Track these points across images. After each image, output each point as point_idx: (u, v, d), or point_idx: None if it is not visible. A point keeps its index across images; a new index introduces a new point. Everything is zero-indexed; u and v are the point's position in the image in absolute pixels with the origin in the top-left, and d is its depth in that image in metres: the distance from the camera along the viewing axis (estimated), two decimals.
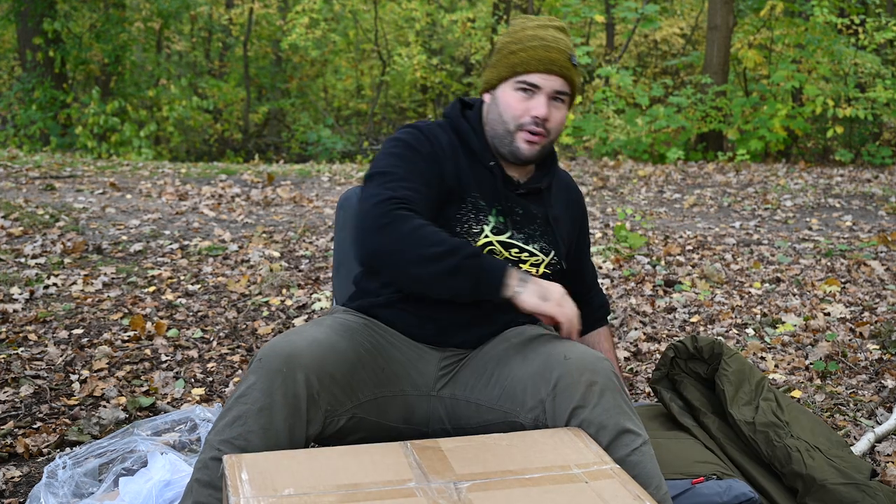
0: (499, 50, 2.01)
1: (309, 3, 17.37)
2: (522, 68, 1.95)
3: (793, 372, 3.42)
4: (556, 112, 1.98)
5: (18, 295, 4.18)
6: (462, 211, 1.97)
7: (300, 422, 1.69)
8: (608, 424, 1.70)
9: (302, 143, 18.12)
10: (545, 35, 1.97)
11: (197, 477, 1.69)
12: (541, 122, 1.95)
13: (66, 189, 7.25)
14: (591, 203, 7.72)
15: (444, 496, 1.47)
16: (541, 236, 2.05)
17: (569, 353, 1.78)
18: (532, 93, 1.95)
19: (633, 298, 4.44)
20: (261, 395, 1.67)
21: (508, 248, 2.00)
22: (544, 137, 1.97)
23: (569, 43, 2.00)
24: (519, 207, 2.03)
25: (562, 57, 1.95)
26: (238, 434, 1.65)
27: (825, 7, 11.47)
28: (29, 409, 2.95)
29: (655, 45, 19.88)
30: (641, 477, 1.69)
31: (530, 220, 2.04)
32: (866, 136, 12.75)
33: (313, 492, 1.47)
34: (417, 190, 1.87)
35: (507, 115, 1.96)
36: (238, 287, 4.45)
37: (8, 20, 14.66)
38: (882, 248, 5.69)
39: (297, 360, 1.69)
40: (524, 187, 2.04)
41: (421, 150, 1.95)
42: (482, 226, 1.97)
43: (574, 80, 1.98)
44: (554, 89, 1.95)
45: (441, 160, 1.96)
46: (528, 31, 1.98)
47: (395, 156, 1.93)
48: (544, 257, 2.04)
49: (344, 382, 1.78)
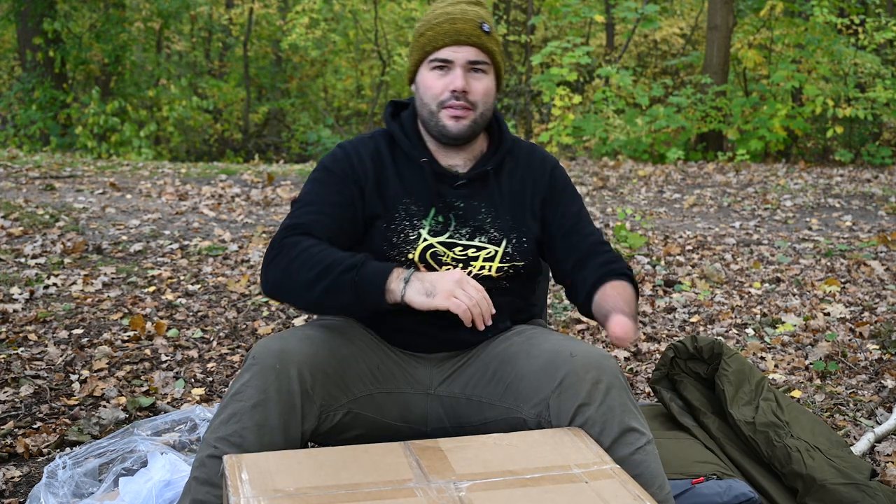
0: (413, 37, 1.99)
1: (309, 3, 17.36)
2: (431, 46, 1.92)
3: (793, 372, 3.42)
4: (477, 83, 1.93)
5: (18, 295, 4.18)
6: (395, 221, 1.94)
7: (295, 417, 1.70)
8: (613, 422, 1.70)
9: (302, 143, 18.12)
10: (452, 10, 1.94)
11: (195, 475, 1.70)
12: (461, 95, 1.90)
13: (66, 189, 7.25)
14: (591, 203, 7.72)
15: (444, 496, 1.47)
16: (491, 225, 1.98)
17: (574, 351, 1.78)
18: (447, 69, 1.92)
19: None
20: (255, 391, 1.68)
21: (451, 247, 1.95)
22: (470, 111, 1.92)
23: (481, 13, 1.96)
24: (459, 201, 1.97)
25: (469, 26, 1.91)
26: (233, 431, 1.67)
27: (825, 7, 11.47)
28: (29, 409, 2.95)
29: (655, 45, 19.88)
30: (645, 476, 1.69)
31: (474, 212, 1.97)
32: (866, 136, 12.75)
33: (314, 492, 1.47)
34: (322, 212, 1.89)
35: (427, 96, 1.93)
36: (238, 287, 4.45)
37: (8, 20, 14.66)
38: (882, 248, 5.69)
39: (289, 356, 1.71)
40: (465, 176, 1.98)
41: (336, 171, 1.95)
42: (418, 230, 1.94)
43: (489, 47, 1.93)
44: (467, 60, 1.91)
45: (359, 178, 1.94)
46: (437, 10, 1.96)
47: (312, 181, 1.97)
48: (496, 248, 1.97)
49: (337, 377, 1.79)
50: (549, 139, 12.11)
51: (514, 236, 1.98)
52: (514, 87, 16.03)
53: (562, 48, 12.13)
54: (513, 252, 1.98)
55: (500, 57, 1.98)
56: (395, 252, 1.93)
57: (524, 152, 2.07)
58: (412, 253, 1.93)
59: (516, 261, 1.98)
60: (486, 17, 1.96)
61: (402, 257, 1.93)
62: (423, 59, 1.94)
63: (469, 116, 1.92)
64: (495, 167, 2.01)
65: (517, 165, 2.05)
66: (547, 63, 13.42)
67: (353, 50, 19.91)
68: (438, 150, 2.00)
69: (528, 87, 15.45)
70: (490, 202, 1.99)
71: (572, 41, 12.32)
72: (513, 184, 2.03)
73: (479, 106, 1.93)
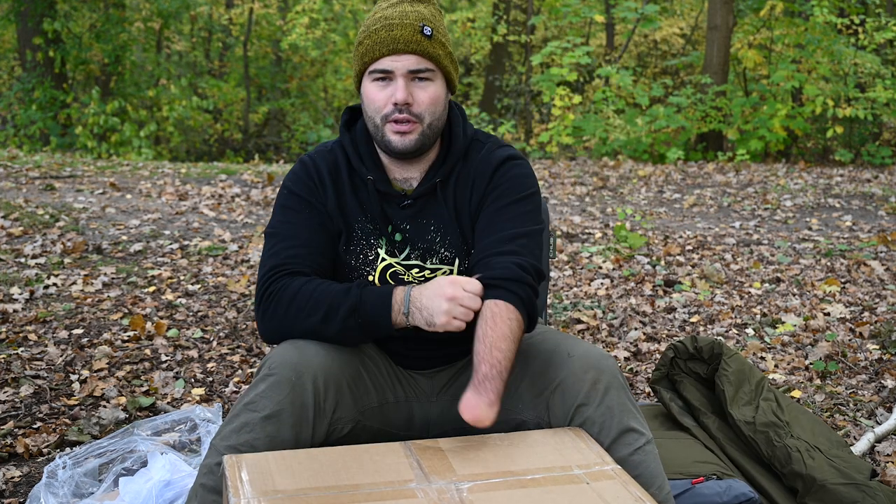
0: (354, 43, 1.86)
1: (309, 3, 17.36)
2: (369, 56, 1.79)
3: (793, 372, 3.42)
4: (421, 92, 1.79)
5: (18, 295, 4.18)
6: (354, 241, 1.88)
7: (306, 430, 1.70)
8: (612, 422, 1.70)
9: (302, 143, 18.11)
10: (391, 14, 1.79)
11: (202, 482, 1.69)
12: (403, 108, 1.77)
13: (66, 189, 7.25)
14: (590, 203, 7.72)
15: (444, 497, 1.47)
16: (441, 244, 1.87)
17: (573, 351, 1.77)
18: (388, 79, 1.79)
19: (633, 298, 4.44)
20: (269, 402, 1.67)
21: (409, 268, 1.88)
22: (416, 123, 1.79)
23: (423, 12, 1.80)
24: (405, 223, 1.87)
25: (407, 32, 1.76)
26: (244, 441, 1.66)
27: (825, 7, 11.47)
28: (29, 409, 2.95)
29: (655, 45, 19.87)
30: (644, 476, 1.68)
31: (423, 232, 1.87)
32: (866, 136, 12.75)
33: (314, 492, 1.47)
34: (300, 244, 1.82)
35: (370, 109, 1.81)
36: (238, 287, 4.45)
37: (8, 20, 14.65)
38: (882, 248, 5.69)
39: (306, 369, 1.70)
40: (412, 195, 1.86)
41: (301, 194, 1.87)
42: (376, 250, 1.87)
43: (432, 53, 1.78)
44: (408, 69, 1.77)
45: (322, 198, 1.87)
46: (377, 13, 1.82)
47: (282, 208, 1.88)
48: (449, 267, 1.88)
49: (348, 391, 1.78)
50: (549, 139, 12.11)
51: (465, 252, 1.88)
52: (514, 87, 16.04)
53: (562, 48, 12.13)
54: (469, 269, 1.86)
55: (448, 59, 1.83)
56: (356, 274, 1.88)
57: (481, 153, 1.90)
58: (372, 274, 1.88)
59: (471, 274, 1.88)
60: (427, 17, 1.80)
61: (362, 278, 1.89)
62: (364, 70, 1.82)
63: (415, 130, 1.79)
64: (444, 178, 1.87)
65: (468, 170, 1.89)
66: (547, 63, 13.42)
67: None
68: (392, 162, 1.88)
69: (528, 87, 15.45)
70: (438, 219, 1.87)
71: (572, 41, 12.32)
72: (460, 193, 1.88)
73: (426, 117, 1.80)
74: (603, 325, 4.01)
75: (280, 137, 19.51)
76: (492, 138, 1.94)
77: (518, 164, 1.88)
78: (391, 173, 1.89)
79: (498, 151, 1.89)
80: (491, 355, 1.66)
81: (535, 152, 12.67)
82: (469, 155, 1.90)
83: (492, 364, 1.65)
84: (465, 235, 1.88)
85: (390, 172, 1.89)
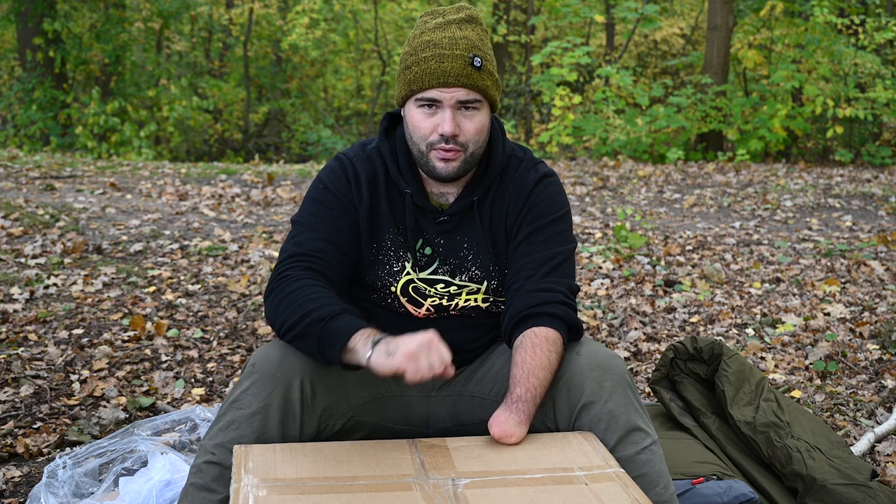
0: (400, 62, 1.85)
1: (309, 3, 17.35)
2: (417, 85, 1.78)
3: (793, 372, 3.42)
4: (468, 122, 1.79)
5: (18, 295, 4.18)
6: (382, 251, 1.88)
7: (294, 426, 1.70)
8: (618, 421, 1.70)
9: (302, 144, 18.11)
10: (440, 40, 1.77)
11: (192, 481, 1.70)
12: (450, 139, 1.78)
13: (66, 189, 7.25)
14: (591, 203, 7.72)
15: (440, 492, 1.48)
16: (472, 262, 1.88)
17: (580, 349, 1.78)
18: (435, 108, 1.79)
19: (633, 298, 4.44)
20: (254, 399, 1.68)
21: (433, 283, 1.88)
22: (460, 152, 1.79)
23: (473, 40, 1.79)
24: (440, 238, 1.88)
25: (458, 65, 1.75)
26: (232, 438, 1.67)
27: (825, 7, 11.47)
28: (29, 409, 2.95)
29: (655, 45, 19.87)
30: (650, 476, 1.69)
31: (456, 249, 1.88)
32: (866, 136, 12.75)
33: (312, 481, 1.50)
34: (326, 239, 1.82)
35: (415, 135, 1.81)
36: (238, 287, 4.45)
37: (8, 20, 14.64)
38: (882, 248, 5.69)
39: (290, 364, 1.70)
40: (448, 213, 1.87)
41: (336, 192, 1.87)
42: (402, 263, 1.88)
43: (480, 85, 1.78)
44: (457, 100, 1.77)
45: (355, 201, 1.86)
46: (424, 35, 1.80)
47: (314, 201, 1.88)
48: (478, 286, 1.89)
49: (337, 385, 1.78)
50: (549, 139, 12.11)
51: (496, 271, 1.89)
52: (514, 87, 16.03)
53: (562, 48, 12.13)
54: (497, 288, 1.90)
55: (495, 88, 1.83)
56: (379, 283, 1.88)
57: (518, 170, 1.92)
58: (394, 286, 1.88)
59: (500, 296, 1.91)
60: (476, 44, 1.79)
61: (385, 289, 1.89)
62: (410, 96, 1.81)
63: (459, 158, 1.80)
64: (481, 196, 1.89)
65: (504, 189, 1.91)
66: (547, 63, 13.42)
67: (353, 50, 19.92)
68: (430, 178, 1.88)
69: (528, 87, 15.45)
70: (472, 237, 1.88)
71: (572, 41, 12.32)
72: (496, 212, 1.90)
73: (471, 146, 1.81)
74: (603, 325, 4.01)
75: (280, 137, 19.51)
76: (528, 154, 1.97)
77: (552, 183, 1.93)
78: (429, 186, 1.90)
79: (533, 171, 1.93)
80: (528, 381, 1.73)
81: (535, 152, 12.66)
82: (506, 172, 1.92)
83: (527, 388, 1.72)
84: (497, 255, 1.90)
85: (428, 186, 1.90)
